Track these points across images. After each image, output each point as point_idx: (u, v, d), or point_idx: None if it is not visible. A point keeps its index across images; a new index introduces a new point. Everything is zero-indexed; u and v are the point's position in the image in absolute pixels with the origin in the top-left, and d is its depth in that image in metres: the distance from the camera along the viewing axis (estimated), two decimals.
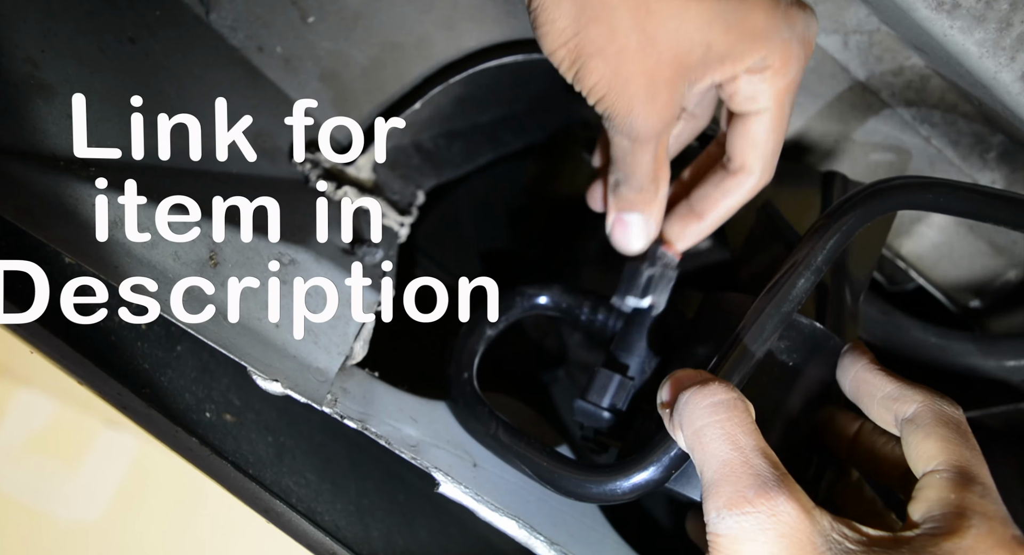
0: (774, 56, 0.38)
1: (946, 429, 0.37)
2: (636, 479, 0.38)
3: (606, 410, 0.44)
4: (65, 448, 1.19)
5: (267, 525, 0.41)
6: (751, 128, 0.41)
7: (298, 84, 0.52)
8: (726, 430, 0.34)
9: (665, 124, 0.39)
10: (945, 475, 0.36)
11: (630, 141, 0.39)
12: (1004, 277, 0.58)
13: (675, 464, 0.38)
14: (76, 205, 0.35)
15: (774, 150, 0.42)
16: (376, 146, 0.52)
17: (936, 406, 0.37)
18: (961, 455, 0.36)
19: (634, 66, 0.37)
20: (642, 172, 0.41)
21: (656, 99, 0.38)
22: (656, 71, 0.37)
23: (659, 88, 0.37)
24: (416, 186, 0.57)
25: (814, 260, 0.40)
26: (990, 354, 0.54)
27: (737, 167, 0.42)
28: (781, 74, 0.39)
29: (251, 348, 0.38)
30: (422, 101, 0.51)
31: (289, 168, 0.50)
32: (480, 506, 0.42)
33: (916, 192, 0.40)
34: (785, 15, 0.38)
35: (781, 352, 0.41)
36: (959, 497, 0.35)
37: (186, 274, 0.38)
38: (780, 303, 0.39)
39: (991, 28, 0.41)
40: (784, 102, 0.40)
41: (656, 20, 0.36)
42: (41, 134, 0.36)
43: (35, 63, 0.36)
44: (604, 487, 0.39)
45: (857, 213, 0.40)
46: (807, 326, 0.42)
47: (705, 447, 0.34)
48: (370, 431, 0.41)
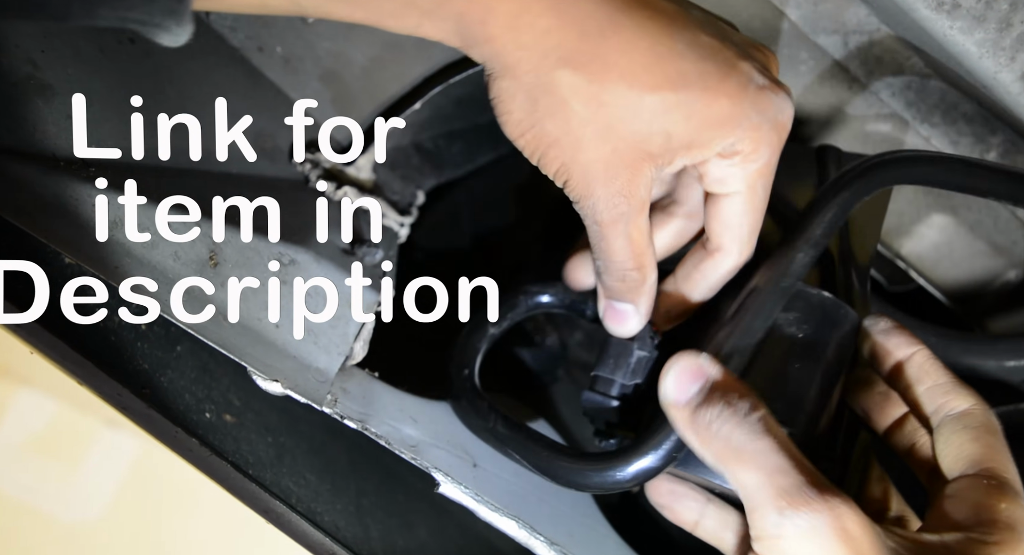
0: (743, 142, 0.37)
1: (994, 438, 0.37)
2: (637, 466, 0.37)
3: (615, 399, 0.43)
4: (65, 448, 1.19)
5: (267, 525, 0.41)
6: (724, 210, 0.40)
7: (298, 84, 0.52)
8: (763, 450, 0.33)
9: (631, 207, 0.38)
10: (993, 483, 0.35)
11: (598, 225, 0.39)
12: (1004, 277, 0.58)
13: (678, 448, 0.37)
14: (76, 205, 0.35)
15: (750, 231, 0.41)
16: (376, 146, 0.52)
17: (987, 414, 0.38)
18: (1006, 467, 0.36)
19: (591, 153, 0.36)
20: (619, 258, 0.40)
21: (615, 181, 0.37)
22: (614, 156, 0.36)
23: (618, 171, 0.37)
24: (416, 186, 0.57)
25: (813, 234, 0.39)
26: (990, 354, 0.54)
27: (714, 247, 0.41)
28: (752, 159, 0.38)
29: (251, 348, 0.38)
30: (422, 101, 0.51)
31: (289, 168, 0.50)
32: (480, 506, 0.42)
33: (918, 165, 0.39)
34: (754, 101, 0.37)
35: (790, 324, 0.40)
36: (1009, 508, 0.34)
37: (186, 274, 0.38)
38: (779, 278, 0.38)
39: (991, 28, 0.41)
40: (756, 185, 0.39)
41: (609, 111, 0.35)
42: (41, 134, 0.36)
43: (35, 63, 0.36)
44: (604, 475, 0.38)
45: (856, 186, 0.39)
46: (815, 296, 0.41)
47: (744, 462, 0.33)
48: (370, 431, 0.41)
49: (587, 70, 0.35)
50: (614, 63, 0.35)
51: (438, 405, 0.48)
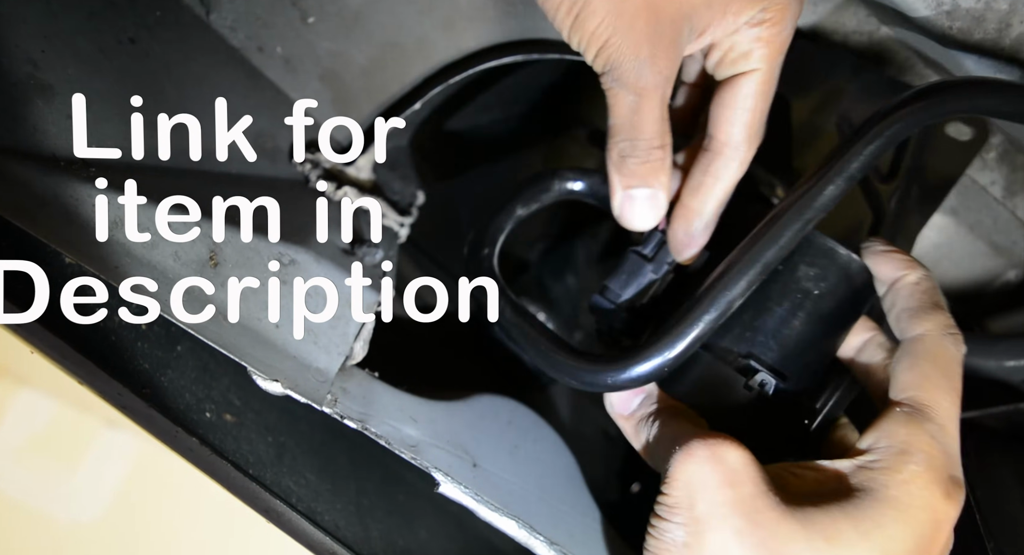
0: (771, 9, 0.37)
1: (932, 366, 0.37)
2: (632, 372, 0.37)
3: (620, 310, 0.43)
4: (65, 448, 1.19)
5: (267, 525, 0.41)
6: (740, 92, 0.39)
7: (298, 84, 0.52)
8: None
9: (671, 72, 0.37)
10: (906, 410, 0.36)
11: (636, 95, 0.37)
12: (1004, 277, 0.58)
13: (671, 363, 0.37)
14: (76, 205, 0.35)
15: (760, 118, 0.39)
16: (376, 146, 0.52)
17: (939, 341, 0.38)
18: (932, 396, 0.37)
19: (637, 10, 0.35)
20: (650, 133, 0.38)
21: (660, 43, 0.36)
22: (661, 17, 0.35)
23: (663, 33, 0.36)
24: (416, 186, 0.57)
25: (848, 166, 0.36)
26: (990, 354, 0.53)
27: (721, 144, 0.40)
28: (777, 29, 0.37)
29: (251, 348, 0.38)
30: (422, 101, 0.51)
31: (289, 168, 0.50)
32: (480, 506, 0.42)
33: (978, 94, 0.35)
34: None
35: (809, 279, 0.40)
36: (909, 433, 0.36)
37: (186, 274, 0.38)
38: (803, 208, 0.36)
39: (991, 29, 0.41)
40: (775, 63, 0.39)
41: None
42: (41, 134, 0.36)
43: (35, 63, 0.36)
44: (597, 375, 0.38)
45: (903, 117, 0.36)
46: (843, 256, 0.39)
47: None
48: (370, 431, 0.41)
49: None
50: None
51: (438, 405, 0.48)
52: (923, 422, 0.36)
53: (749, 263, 0.37)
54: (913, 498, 0.34)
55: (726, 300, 0.37)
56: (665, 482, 0.36)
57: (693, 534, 0.35)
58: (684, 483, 0.35)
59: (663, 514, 0.36)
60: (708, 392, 0.41)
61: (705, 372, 0.41)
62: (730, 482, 0.34)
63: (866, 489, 0.35)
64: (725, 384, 0.40)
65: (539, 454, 0.52)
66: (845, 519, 0.34)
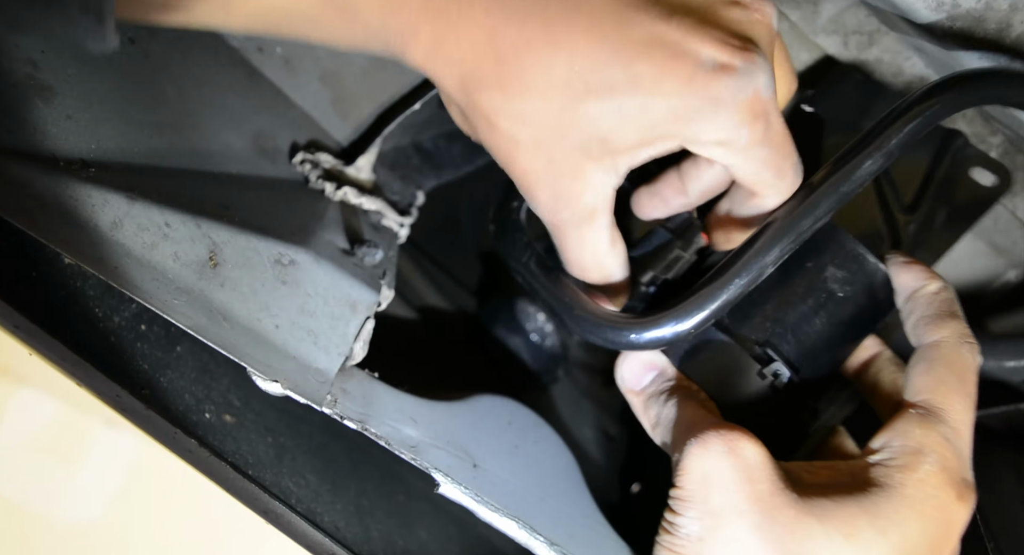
0: (706, 133, 0.34)
1: (947, 371, 0.37)
2: (651, 334, 0.37)
3: (643, 284, 0.42)
4: (65, 449, 1.19)
5: (267, 526, 0.41)
6: (735, 174, 0.37)
7: (298, 84, 0.52)
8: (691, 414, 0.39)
9: (575, 213, 0.37)
10: (920, 412, 0.36)
11: (548, 226, 0.39)
12: (1004, 277, 0.58)
13: (698, 326, 0.36)
14: (76, 205, 0.35)
15: (775, 175, 0.37)
16: (375, 146, 0.52)
17: (955, 348, 0.38)
18: (946, 399, 0.37)
19: (525, 165, 0.37)
20: (570, 258, 0.40)
21: (551, 189, 0.37)
22: (551, 166, 0.36)
23: (555, 180, 0.37)
24: (416, 186, 0.57)
25: (887, 142, 0.36)
26: (990, 354, 0.54)
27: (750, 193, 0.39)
28: (725, 144, 0.35)
29: (251, 349, 0.38)
30: (422, 102, 0.51)
31: (289, 168, 0.50)
32: (480, 507, 0.42)
33: (1017, 84, 0.36)
34: (704, 89, 0.33)
35: (835, 280, 0.40)
36: (923, 434, 0.36)
37: (186, 274, 0.38)
38: (840, 181, 0.36)
39: (991, 29, 0.41)
40: (750, 152, 0.36)
41: (534, 128, 0.35)
42: (41, 134, 0.36)
43: (35, 63, 0.36)
44: (617, 332, 0.37)
45: (946, 97, 0.36)
46: (871, 265, 0.40)
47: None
48: (370, 432, 0.41)
49: (506, 91, 0.35)
50: (531, 82, 0.34)
51: (438, 405, 0.48)
52: (937, 424, 0.36)
53: (783, 231, 0.36)
54: (928, 498, 0.34)
55: (758, 266, 0.36)
56: (678, 474, 0.36)
57: (709, 528, 0.34)
58: (700, 476, 0.35)
59: (676, 508, 0.36)
60: (721, 373, 0.41)
61: (721, 353, 0.41)
62: (747, 477, 0.34)
63: (882, 485, 0.34)
64: (739, 368, 0.40)
65: (539, 454, 0.51)
66: (863, 514, 0.34)
